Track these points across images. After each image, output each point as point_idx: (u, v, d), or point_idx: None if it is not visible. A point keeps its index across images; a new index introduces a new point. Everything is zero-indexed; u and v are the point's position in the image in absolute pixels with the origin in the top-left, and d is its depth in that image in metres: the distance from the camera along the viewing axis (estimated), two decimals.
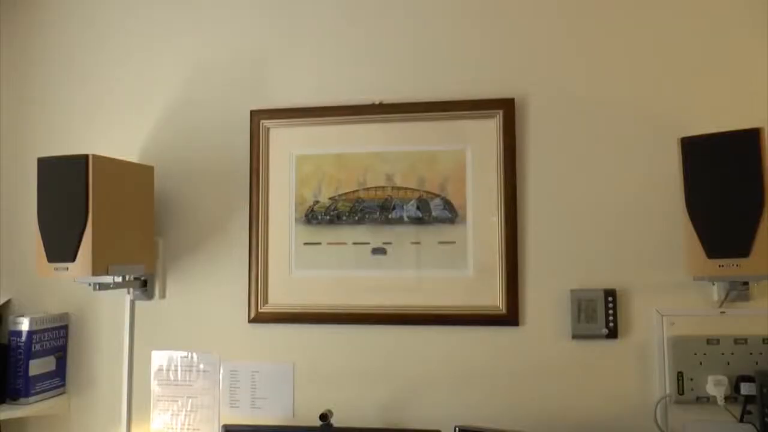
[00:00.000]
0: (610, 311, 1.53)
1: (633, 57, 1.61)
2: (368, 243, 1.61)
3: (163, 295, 1.72)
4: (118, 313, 1.75)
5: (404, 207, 1.60)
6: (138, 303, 1.73)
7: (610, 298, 1.53)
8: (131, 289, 1.68)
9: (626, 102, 1.60)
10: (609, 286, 1.55)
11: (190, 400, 1.68)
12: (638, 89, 1.60)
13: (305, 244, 1.64)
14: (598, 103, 1.60)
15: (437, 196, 1.60)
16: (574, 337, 1.54)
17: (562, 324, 1.55)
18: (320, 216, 1.63)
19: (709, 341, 1.49)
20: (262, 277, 1.66)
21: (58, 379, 1.73)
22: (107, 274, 1.43)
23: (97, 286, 1.51)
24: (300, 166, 1.66)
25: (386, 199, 1.61)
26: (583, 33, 1.63)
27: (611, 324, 1.53)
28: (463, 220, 1.59)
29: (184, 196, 1.73)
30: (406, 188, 1.61)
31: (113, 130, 1.81)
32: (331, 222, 1.62)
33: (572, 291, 1.54)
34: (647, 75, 1.61)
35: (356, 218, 1.61)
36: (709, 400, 1.47)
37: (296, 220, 1.65)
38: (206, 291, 1.70)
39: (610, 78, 1.61)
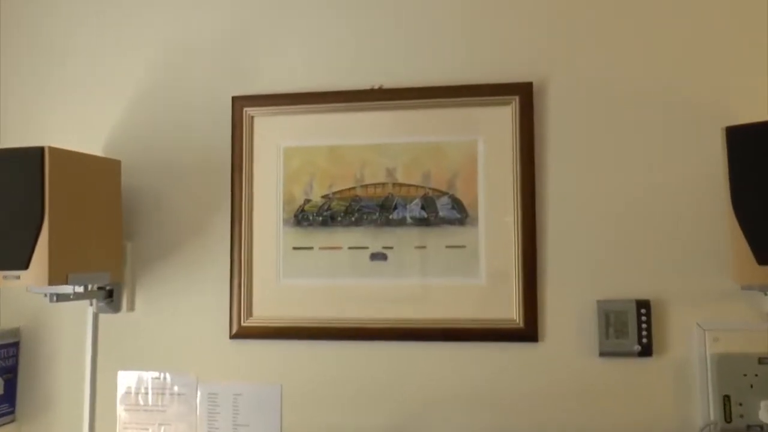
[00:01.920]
0: (644, 325, 1.37)
1: (669, 34, 1.45)
2: (366, 247, 1.46)
3: (131, 308, 1.57)
4: (78, 328, 1.59)
5: (407, 206, 1.45)
6: (102, 316, 1.58)
7: (643, 310, 1.37)
8: (94, 301, 1.54)
9: (661, 87, 1.44)
10: (642, 296, 1.39)
11: (163, 428, 1.53)
12: (675, 72, 1.44)
13: (294, 248, 1.49)
14: (627, 87, 1.44)
15: (445, 193, 1.45)
16: (602, 354, 1.39)
17: (587, 339, 1.40)
18: (312, 217, 1.49)
19: (762, 360, 1.31)
20: (245, 287, 1.50)
21: (7, 405, 1.57)
22: (66, 283, 1.30)
23: (55, 297, 1.37)
24: (288, 160, 1.51)
25: (387, 198, 1.47)
26: (611, 7, 1.46)
27: (644, 340, 1.37)
28: (475, 220, 1.43)
29: (156, 194, 1.58)
30: (409, 185, 1.46)
31: (75, 120, 1.64)
32: (324, 223, 1.48)
33: (599, 302, 1.39)
34: (686, 55, 1.44)
35: (353, 219, 1.47)
36: (763, 429, 1.30)
37: (284, 221, 1.50)
38: (181, 302, 1.55)
39: (641, 59, 1.45)
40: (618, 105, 1.45)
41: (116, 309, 1.55)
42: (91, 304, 1.55)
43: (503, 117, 1.44)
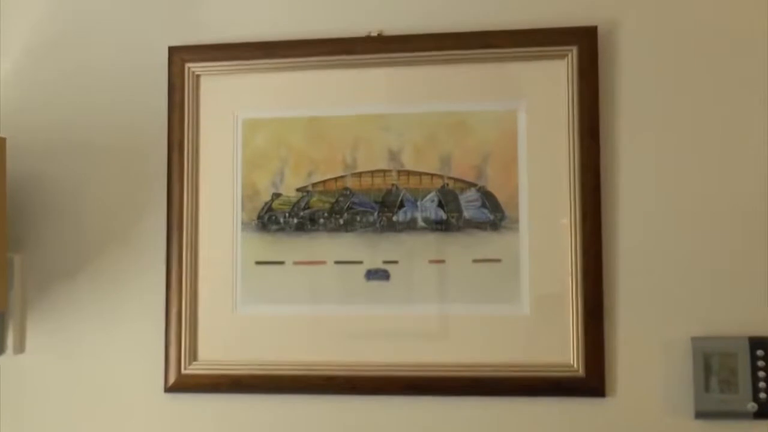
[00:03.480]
0: (761, 373, 1.08)
1: None
2: (360, 262, 1.19)
3: (20, 349, 1.25)
4: None
5: (418, 204, 1.19)
6: None
7: (760, 352, 1.09)
8: None
9: None
10: (759, 331, 1.10)
11: None
12: None
13: (258, 263, 1.21)
14: (730, 34, 1.15)
15: (471, 185, 1.18)
16: (699, 415, 1.10)
17: (677, 394, 1.12)
18: (283, 218, 1.22)
19: None
20: (187, 319, 1.21)
21: None
22: None
23: None
24: (250, 138, 1.23)
25: (389, 192, 1.19)
26: None
27: (763, 394, 1.08)
28: (514, 224, 1.16)
29: (58, 187, 1.29)
30: (421, 173, 1.19)
31: None
32: (300, 228, 1.21)
33: (695, 339, 1.10)
34: None
35: (341, 222, 1.20)
36: None
37: (244, 224, 1.22)
38: (94, 341, 1.26)
39: None
40: (719, 60, 1.14)
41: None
42: None
43: (555, 76, 1.16)
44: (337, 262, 1.19)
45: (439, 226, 1.17)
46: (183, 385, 1.19)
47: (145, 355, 1.22)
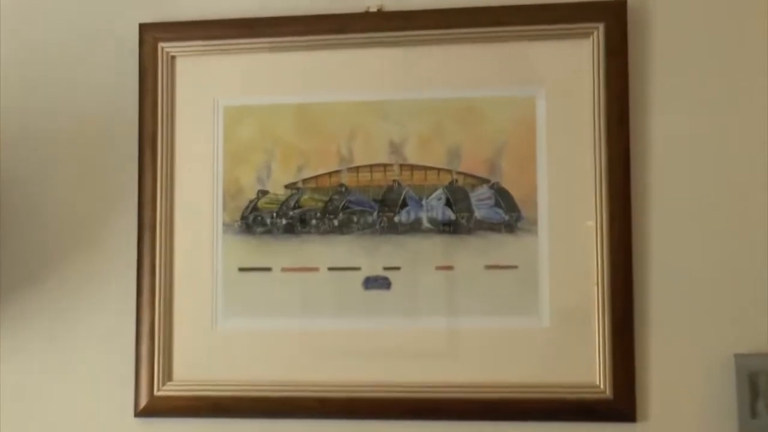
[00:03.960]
0: None
1: None
2: (358, 268, 1.11)
3: None
4: None
5: (423, 202, 1.11)
6: None
7: None
8: None
9: None
10: None
11: None
12: None
13: (242, 270, 1.13)
14: None
15: (484, 181, 1.09)
16: None
17: (717, 419, 1.02)
18: (269, 219, 1.14)
19: None
20: (161, 333, 1.12)
21: None
22: None
23: None
24: (232, 127, 1.14)
25: (390, 188, 1.11)
26: None
27: None
28: (532, 225, 1.08)
29: (14, 183, 1.19)
30: (426, 168, 1.11)
31: None
32: (289, 230, 1.13)
33: (738, 357, 1.01)
34: None
35: (335, 223, 1.13)
36: None
37: (225, 226, 1.14)
38: (55, 358, 1.17)
39: None
40: (763, 37, 1.04)
41: None
42: None
43: (578, 57, 1.07)
44: (331, 269, 1.10)
45: (447, 227, 1.08)
46: (156, 408, 1.10)
47: (113, 374, 1.13)
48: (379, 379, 1.06)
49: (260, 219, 1.09)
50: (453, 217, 1.07)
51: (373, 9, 1.08)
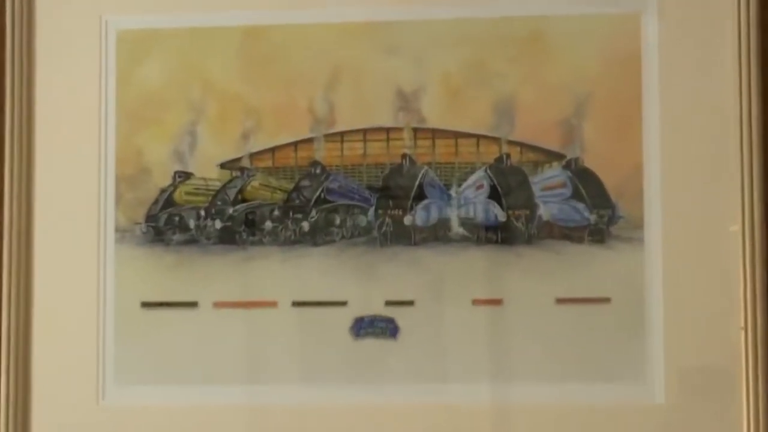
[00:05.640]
0: None
1: None
2: (344, 303, 0.77)
3: None
4: None
5: (452, 192, 0.78)
6: None
7: None
8: None
9: None
10: None
11: None
12: None
13: (146, 305, 0.78)
14: None
15: (555, 157, 0.78)
16: None
17: None
18: (194, 220, 0.80)
19: None
20: (13, 411, 0.77)
21: None
22: None
23: None
24: (130, 65, 0.80)
25: (398, 169, 0.79)
26: None
27: None
28: (636, 230, 0.76)
29: None
30: (457, 134, 0.78)
31: None
32: (227, 238, 0.79)
33: None
34: None
35: (305, 227, 0.79)
36: None
37: (119, 232, 0.79)
38: None
39: None
40: None
41: None
42: None
43: None
44: (297, 304, 0.74)
45: (493, 235, 0.74)
46: None
47: None
48: None
49: (179, 220, 0.72)
50: (503, 217, 0.72)
51: None
